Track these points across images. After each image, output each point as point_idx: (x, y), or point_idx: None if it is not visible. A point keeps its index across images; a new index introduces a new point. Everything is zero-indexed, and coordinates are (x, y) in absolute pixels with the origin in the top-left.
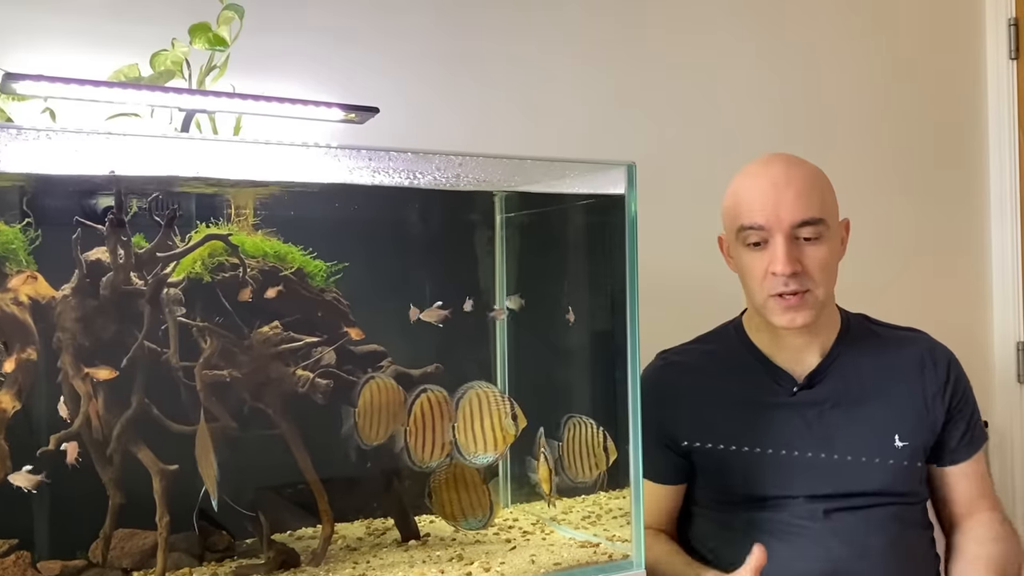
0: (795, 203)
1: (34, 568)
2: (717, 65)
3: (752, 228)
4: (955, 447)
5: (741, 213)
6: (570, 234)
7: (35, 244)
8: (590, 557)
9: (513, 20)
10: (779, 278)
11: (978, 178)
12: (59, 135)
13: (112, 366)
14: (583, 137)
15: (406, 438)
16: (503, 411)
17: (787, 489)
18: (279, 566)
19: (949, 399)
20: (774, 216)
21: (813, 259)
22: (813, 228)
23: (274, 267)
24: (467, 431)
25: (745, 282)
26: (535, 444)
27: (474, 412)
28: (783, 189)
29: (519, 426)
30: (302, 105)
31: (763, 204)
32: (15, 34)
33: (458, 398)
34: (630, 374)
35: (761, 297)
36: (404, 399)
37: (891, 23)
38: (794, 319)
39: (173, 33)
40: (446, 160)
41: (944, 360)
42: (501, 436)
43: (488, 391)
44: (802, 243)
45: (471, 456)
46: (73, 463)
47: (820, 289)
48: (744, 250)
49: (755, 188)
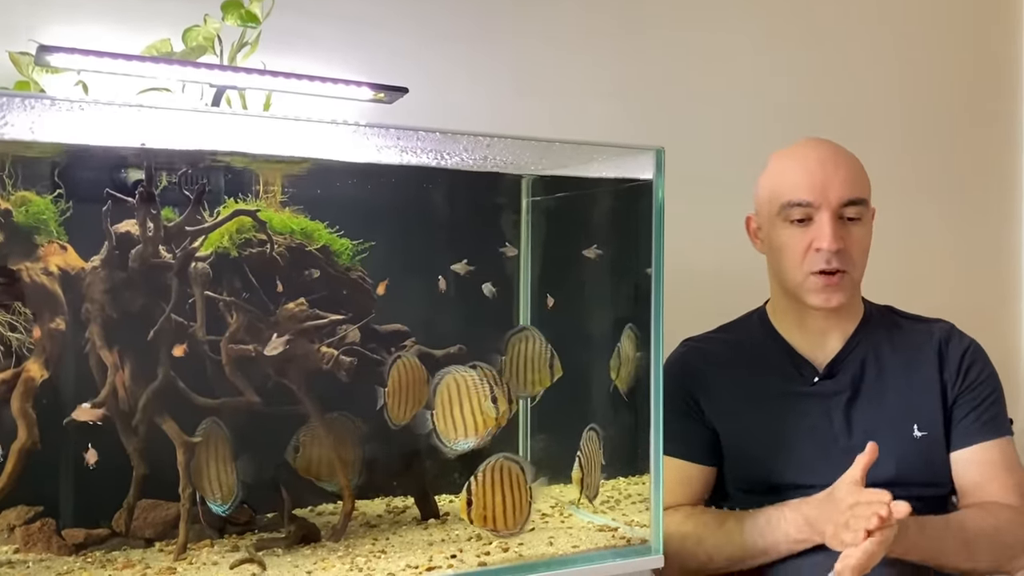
0: (844, 181)
1: (58, 535)
2: (747, 52)
3: (799, 205)
4: (961, 429)
5: (785, 191)
6: (596, 219)
7: (66, 215)
8: (608, 541)
9: (540, 3)
10: (823, 254)
11: (1011, 176)
12: (91, 107)
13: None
14: (609, 122)
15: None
16: (483, 395)
17: (809, 478)
18: (299, 540)
19: (961, 382)
20: (822, 193)
21: (855, 240)
22: (857, 208)
23: (300, 244)
24: (446, 417)
25: (781, 260)
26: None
27: (452, 398)
28: (832, 168)
29: (500, 409)
30: (332, 83)
31: (811, 182)
32: (50, 8)
33: (435, 384)
34: (653, 361)
35: (800, 275)
36: (428, 380)
37: (926, 16)
38: (829, 299)
39: (205, 9)
40: (474, 141)
41: (961, 346)
42: (482, 420)
43: (467, 375)
44: (846, 223)
45: (451, 443)
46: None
47: (856, 271)
48: (784, 227)
49: (802, 167)
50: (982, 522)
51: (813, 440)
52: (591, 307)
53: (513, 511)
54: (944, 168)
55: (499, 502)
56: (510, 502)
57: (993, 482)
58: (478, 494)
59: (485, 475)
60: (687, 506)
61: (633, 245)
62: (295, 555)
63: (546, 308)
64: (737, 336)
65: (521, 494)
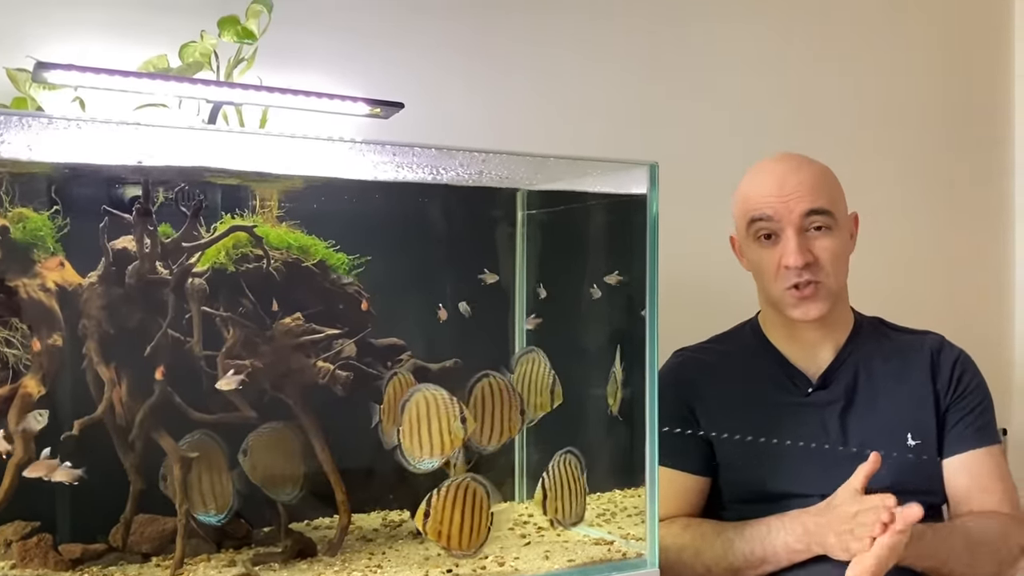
0: (803, 193)
1: (55, 551)
2: (740, 66)
3: (762, 220)
4: (951, 437)
5: (749, 208)
6: (591, 232)
7: (63, 232)
8: (604, 555)
9: (536, 16)
10: (792, 271)
11: (1003, 184)
12: (89, 124)
13: (136, 353)
14: (605, 136)
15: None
16: (451, 414)
17: (804, 487)
18: (296, 555)
19: (952, 391)
20: (783, 207)
21: (823, 250)
22: (822, 218)
23: (297, 259)
24: (413, 435)
25: (759, 278)
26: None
27: (421, 416)
28: (790, 180)
29: (468, 429)
30: (328, 99)
31: (772, 196)
32: (47, 24)
33: (404, 401)
34: (648, 373)
35: (776, 291)
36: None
37: (918, 28)
38: (808, 311)
39: (202, 25)
40: (469, 156)
41: (952, 357)
42: (449, 440)
43: (436, 394)
44: (812, 234)
45: (416, 461)
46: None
47: (832, 280)
48: (756, 245)
49: (763, 182)
50: (983, 529)
51: (808, 450)
52: (586, 320)
53: (469, 532)
54: (935, 178)
55: (456, 520)
56: (468, 523)
57: (984, 490)
58: (436, 507)
59: (448, 491)
60: (684, 517)
61: (627, 258)
62: (291, 570)
63: (538, 322)
64: (730, 347)
65: (481, 517)
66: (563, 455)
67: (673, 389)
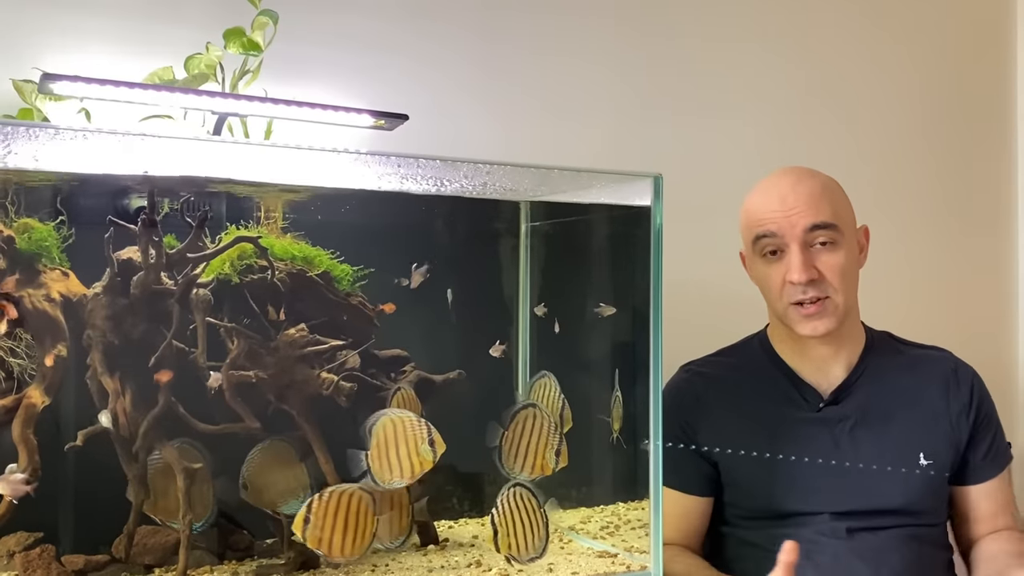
0: (806, 208)
1: (58, 562)
2: (745, 76)
3: (766, 236)
4: (979, 466)
5: (755, 224)
6: (595, 244)
7: (68, 242)
8: (608, 567)
9: (540, 29)
10: (797, 287)
11: (1006, 195)
12: (94, 135)
13: (140, 364)
14: (611, 147)
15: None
16: (419, 437)
17: (812, 505)
18: (299, 567)
19: (973, 418)
20: (787, 222)
21: (829, 265)
22: (826, 232)
23: (301, 270)
24: (382, 459)
25: (766, 294)
26: None
27: (388, 439)
28: (794, 196)
29: (437, 452)
30: (333, 111)
31: (775, 211)
32: (53, 35)
33: (370, 425)
34: (652, 387)
35: (782, 307)
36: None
37: (921, 37)
38: (816, 327)
39: (208, 37)
40: (473, 168)
41: (968, 378)
42: (418, 463)
43: (403, 417)
44: (817, 250)
45: (385, 484)
46: None
47: (840, 296)
48: (761, 262)
49: (766, 198)
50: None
51: (818, 467)
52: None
53: (352, 540)
54: (939, 189)
55: (339, 527)
56: (351, 530)
57: (1005, 511)
58: (317, 514)
59: (331, 498)
60: (676, 546)
61: (630, 269)
62: None
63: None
64: (738, 360)
65: (365, 525)
66: (511, 488)
67: (677, 408)
